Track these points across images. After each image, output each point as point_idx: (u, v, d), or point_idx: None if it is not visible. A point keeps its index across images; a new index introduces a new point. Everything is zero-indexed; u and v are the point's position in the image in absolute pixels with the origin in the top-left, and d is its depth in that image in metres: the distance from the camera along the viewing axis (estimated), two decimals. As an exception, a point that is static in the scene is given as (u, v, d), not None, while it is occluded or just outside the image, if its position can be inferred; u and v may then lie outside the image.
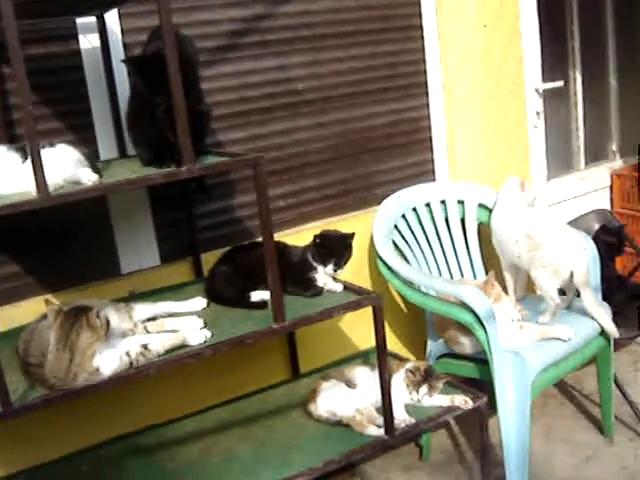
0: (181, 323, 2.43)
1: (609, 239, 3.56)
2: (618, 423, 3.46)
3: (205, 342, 2.31)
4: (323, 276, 2.69)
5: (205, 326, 2.40)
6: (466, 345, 2.99)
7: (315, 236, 2.73)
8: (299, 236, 3.06)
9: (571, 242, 3.06)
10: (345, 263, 2.72)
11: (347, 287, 2.69)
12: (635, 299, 3.65)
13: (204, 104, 2.57)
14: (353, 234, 2.76)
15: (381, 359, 2.59)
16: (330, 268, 2.68)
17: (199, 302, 2.62)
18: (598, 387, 3.40)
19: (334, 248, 2.71)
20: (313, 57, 3.23)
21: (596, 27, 4.45)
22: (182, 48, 2.26)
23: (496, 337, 2.80)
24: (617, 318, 3.33)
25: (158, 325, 2.45)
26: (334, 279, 2.71)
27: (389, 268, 3.10)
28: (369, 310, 2.54)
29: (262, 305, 2.54)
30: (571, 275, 3.02)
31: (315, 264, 2.69)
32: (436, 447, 3.42)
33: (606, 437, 3.40)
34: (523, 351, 2.84)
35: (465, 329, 2.91)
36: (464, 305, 2.82)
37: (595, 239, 3.45)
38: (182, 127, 2.13)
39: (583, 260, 3.03)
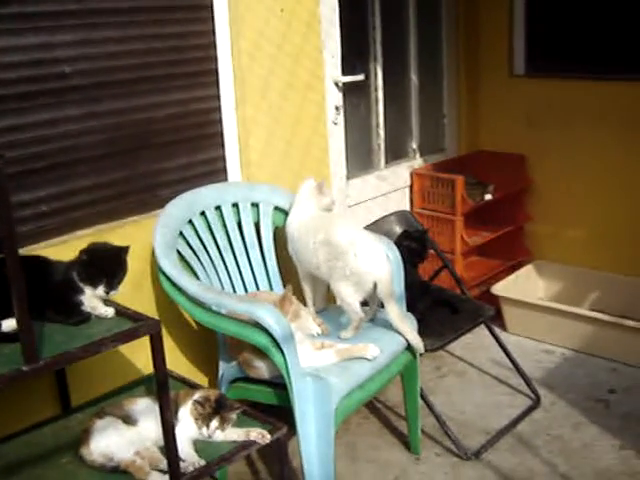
0: None
1: (412, 245, 3.36)
2: (424, 436, 3.30)
3: None
4: (91, 299, 2.25)
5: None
6: (262, 369, 2.66)
7: (81, 251, 2.27)
8: (67, 246, 2.58)
9: (374, 251, 2.79)
10: (119, 283, 2.29)
11: (120, 312, 2.27)
12: (438, 305, 3.50)
13: None
14: (127, 248, 2.33)
15: (162, 396, 2.20)
16: (101, 290, 2.24)
17: None
18: (404, 401, 3.20)
19: (105, 265, 2.26)
20: (84, 35, 2.73)
21: (398, 20, 4.23)
22: None
23: (296, 361, 2.48)
24: (421, 327, 3.15)
25: None
26: (106, 302, 2.28)
27: (173, 283, 2.69)
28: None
29: (15, 337, 2.05)
30: (375, 286, 2.76)
31: (82, 285, 2.24)
32: (233, 476, 3.08)
33: (413, 453, 3.21)
34: (325, 374, 2.54)
35: (261, 351, 2.57)
36: (258, 326, 2.47)
37: (397, 244, 3.25)
38: None
39: (387, 270, 2.78)
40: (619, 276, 4.29)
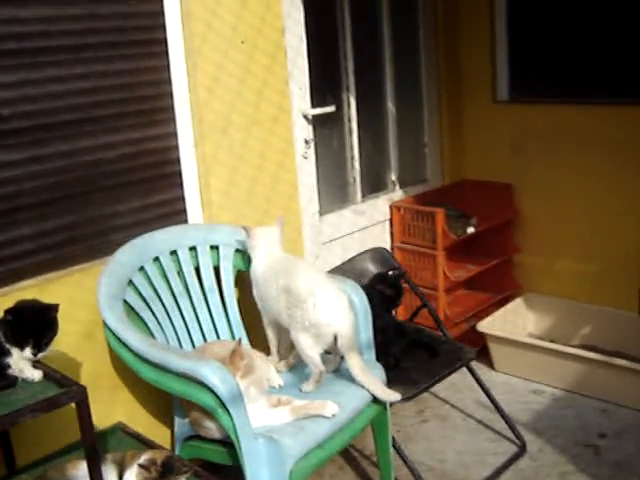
0: None
1: (386, 291, 3.17)
2: (400, 488, 3.11)
3: None
4: (18, 361, 2.10)
5: None
6: (213, 430, 2.48)
7: (6, 311, 2.13)
8: (10, 298, 2.37)
9: (334, 301, 2.61)
10: (48, 344, 2.14)
11: (48, 375, 2.10)
12: (415, 347, 3.32)
13: None
14: (57, 306, 2.18)
15: (92, 467, 2.04)
16: (28, 352, 2.09)
17: None
18: (376, 453, 3.01)
19: (32, 326, 2.12)
20: (23, 76, 2.59)
21: (372, 48, 4.06)
22: None
23: (244, 422, 2.30)
24: (395, 373, 2.99)
25: None
26: (35, 363, 2.12)
27: (118, 338, 2.52)
28: (112, 379, 2.21)
29: None
30: (336, 338, 2.58)
31: (8, 346, 2.09)
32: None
33: (387, 507, 3.02)
34: (279, 435, 2.36)
35: (210, 411, 2.39)
36: (204, 385, 2.29)
37: (371, 288, 3.08)
38: None
39: (348, 322, 2.59)
40: (612, 310, 4.09)
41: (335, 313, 2.59)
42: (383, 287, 3.16)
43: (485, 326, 4.02)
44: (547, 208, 4.25)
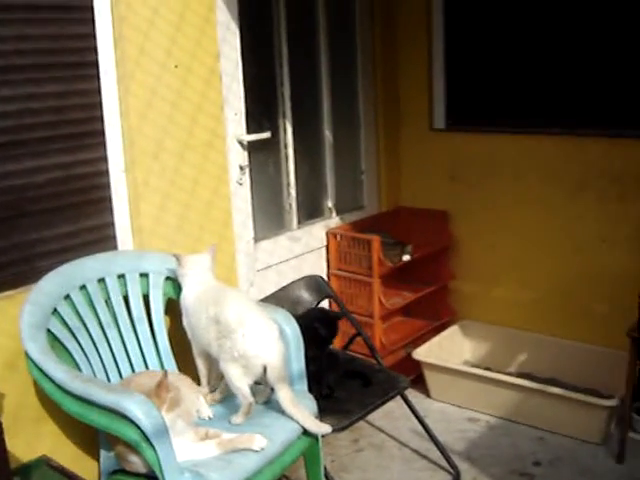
0: None
1: (321, 331, 3.10)
2: (333, 521, 3.06)
3: None
4: None
5: None
6: (138, 464, 2.40)
7: None
8: None
9: (263, 332, 2.57)
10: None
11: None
12: (349, 377, 3.29)
13: None
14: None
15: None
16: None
17: None
18: (309, 485, 2.97)
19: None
20: (-55, 98, 2.52)
21: (309, 74, 4.06)
22: None
23: (170, 457, 2.23)
24: (328, 403, 2.96)
25: None
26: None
27: (40, 369, 2.43)
28: (37, 410, 2.30)
29: None
30: (265, 370, 2.54)
31: None
32: None
33: (319, 541, 2.96)
34: (205, 469, 2.29)
35: (135, 445, 2.32)
36: (128, 419, 2.22)
37: (307, 321, 3.04)
38: None
39: (278, 353, 2.56)
40: (548, 337, 4.13)
41: (264, 344, 2.55)
42: (319, 325, 3.11)
43: (421, 354, 4.01)
44: (482, 235, 4.29)
